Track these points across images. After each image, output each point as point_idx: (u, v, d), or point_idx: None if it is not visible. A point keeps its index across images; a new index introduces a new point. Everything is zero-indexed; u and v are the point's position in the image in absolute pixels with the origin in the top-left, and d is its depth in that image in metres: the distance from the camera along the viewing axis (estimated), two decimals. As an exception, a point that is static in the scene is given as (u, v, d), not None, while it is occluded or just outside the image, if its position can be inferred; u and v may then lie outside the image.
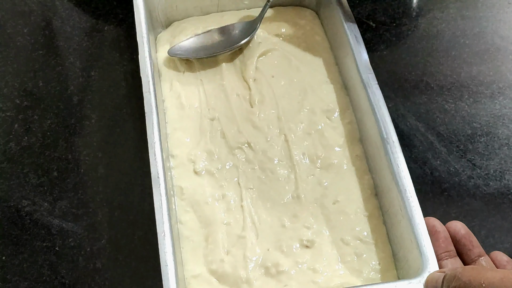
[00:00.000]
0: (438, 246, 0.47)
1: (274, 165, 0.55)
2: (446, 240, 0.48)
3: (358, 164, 0.55)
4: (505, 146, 0.61)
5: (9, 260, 0.53)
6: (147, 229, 0.54)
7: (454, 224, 0.49)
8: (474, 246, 0.48)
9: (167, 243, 0.45)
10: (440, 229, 0.48)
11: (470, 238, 0.48)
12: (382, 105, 0.53)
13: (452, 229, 0.48)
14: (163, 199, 0.47)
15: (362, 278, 0.49)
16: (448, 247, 0.48)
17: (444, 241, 0.48)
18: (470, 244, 0.48)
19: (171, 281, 0.44)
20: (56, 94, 0.63)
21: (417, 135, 0.61)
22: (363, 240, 0.51)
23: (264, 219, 0.52)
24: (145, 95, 0.53)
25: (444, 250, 0.47)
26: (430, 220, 0.48)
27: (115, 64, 0.66)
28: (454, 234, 0.48)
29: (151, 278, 0.52)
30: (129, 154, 0.59)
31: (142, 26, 0.58)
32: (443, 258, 0.47)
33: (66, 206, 0.56)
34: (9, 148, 0.59)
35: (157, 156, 0.49)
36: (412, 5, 0.73)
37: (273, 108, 0.58)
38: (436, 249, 0.47)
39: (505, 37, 0.70)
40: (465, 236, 0.48)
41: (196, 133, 0.57)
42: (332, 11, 0.62)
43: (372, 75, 0.55)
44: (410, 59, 0.68)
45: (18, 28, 0.69)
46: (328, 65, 0.62)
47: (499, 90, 0.65)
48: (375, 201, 0.53)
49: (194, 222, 0.52)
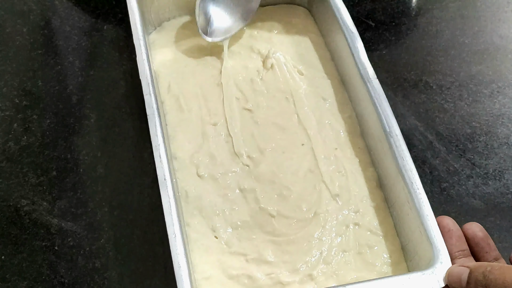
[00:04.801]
0: (452, 245, 0.46)
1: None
2: (460, 239, 0.47)
3: (362, 157, 0.56)
4: (504, 145, 0.61)
5: (8, 259, 0.53)
6: (146, 228, 0.54)
7: (473, 226, 0.47)
8: (492, 248, 0.47)
9: (178, 244, 0.45)
10: (453, 228, 0.47)
11: (487, 241, 0.47)
12: (383, 99, 0.54)
13: (470, 231, 0.47)
14: (172, 201, 0.47)
15: (375, 272, 0.49)
16: (462, 246, 0.47)
17: (458, 239, 0.47)
18: (487, 247, 0.47)
19: (185, 282, 0.43)
20: (55, 94, 0.63)
21: (416, 134, 0.61)
22: (373, 231, 0.51)
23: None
24: (146, 97, 0.53)
25: (458, 249, 0.46)
26: (443, 218, 0.48)
27: (114, 63, 0.66)
28: (473, 236, 0.47)
29: (150, 278, 0.52)
30: (128, 153, 0.59)
31: (138, 28, 0.58)
32: (457, 257, 0.46)
33: (65, 205, 0.56)
34: (8, 148, 0.59)
35: (162, 158, 0.49)
36: (412, 5, 0.73)
37: (271, 109, 0.59)
38: (450, 247, 0.46)
39: (504, 37, 0.70)
40: (483, 238, 0.47)
41: (197, 137, 0.57)
42: (325, 7, 0.62)
43: (371, 69, 0.56)
44: (410, 58, 0.68)
45: (17, 27, 0.69)
46: (324, 61, 0.62)
47: (498, 90, 0.65)
48: (380, 192, 0.54)
49: (202, 226, 0.52)
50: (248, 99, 0.59)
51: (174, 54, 0.63)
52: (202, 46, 0.63)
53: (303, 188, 0.54)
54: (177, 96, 0.59)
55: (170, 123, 0.57)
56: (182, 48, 0.63)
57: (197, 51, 0.63)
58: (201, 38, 0.61)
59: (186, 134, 0.57)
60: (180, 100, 0.59)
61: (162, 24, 0.65)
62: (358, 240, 0.51)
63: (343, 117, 0.58)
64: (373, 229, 0.52)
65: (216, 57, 0.63)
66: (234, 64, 0.62)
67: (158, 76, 0.61)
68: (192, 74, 0.61)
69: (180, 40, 0.64)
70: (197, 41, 0.64)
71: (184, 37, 0.64)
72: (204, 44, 0.63)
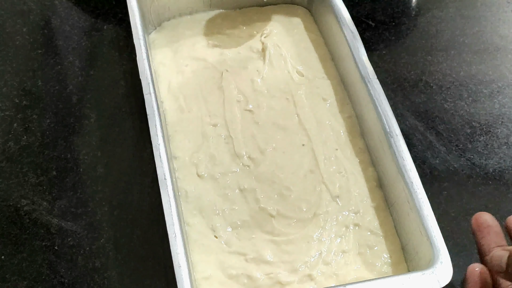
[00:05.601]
0: (490, 240, 0.46)
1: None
2: (498, 234, 0.47)
3: (362, 157, 0.56)
4: (504, 145, 0.61)
5: (8, 259, 0.53)
6: (146, 228, 0.54)
7: None
8: None
9: (178, 244, 0.45)
10: (492, 224, 0.47)
11: None
12: (383, 99, 0.54)
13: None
14: (172, 201, 0.47)
15: (375, 272, 0.49)
16: (500, 241, 0.47)
17: (496, 235, 0.47)
18: None
19: (185, 282, 0.44)
20: (55, 93, 0.63)
21: (416, 134, 0.61)
22: (373, 231, 0.51)
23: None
24: (146, 97, 0.53)
25: (496, 244, 0.46)
26: (482, 214, 0.48)
27: (114, 63, 0.66)
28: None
29: (150, 277, 0.52)
30: (128, 153, 0.59)
31: (138, 28, 0.58)
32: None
33: (65, 205, 0.56)
34: (8, 148, 0.59)
35: (162, 157, 0.49)
36: (412, 4, 0.73)
37: (271, 109, 0.59)
38: (488, 242, 0.46)
39: (504, 36, 0.70)
40: None
41: (197, 137, 0.57)
42: (325, 7, 0.62)
43: (371, 69, 0.56)
44: (409, 58, 0.68)
45: (17, 27, 0.69)
46: (324, 61, 0.62)
47: (498, 89, 0.65)
48: (380, 192, 0.54)
49: (202, 225, 0.52)
50: (249, 100, 0.59)
51: (174, 53, 0.63)
52: (202, 45, 0.63)
53: (303, 188, 0.54)
54: (177, 96, 0.59)
55: (170, 123, 0.57)
56: (182, 47, 0.63)
57: (197, 50, 0.63)
58: (201, 38, 0.61)
59: (186, 133, 0.57)
60: (180, 100, 0.59)
61: (162, 24, 0.66)
62: (358, 240, 0.51)
63: (343, 117, 0.58)
64: (373, 229, 0.52)
65: (216, 56, 0.63)
66: (234, 65, 0.62)
67: (158, 75, 0.61)
68: (192, 74, 0.61)
69: (180, 39, 0.64)
70: (197, 41, 0.64)
71: (184, 36, 0.64)
72: (204, 44, 0.63)
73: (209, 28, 0.65)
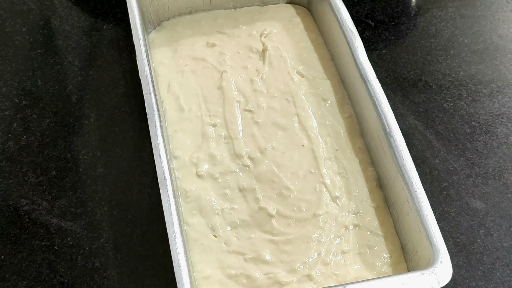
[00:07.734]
0: None
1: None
2: None
3: (362, 157, 0.56)
4: (504, 145, 0.61)
5: (8, 259, 0.53)
6: (145, 228, 0.54)
7: None
8: None
9: (178, 244, 0.45)
10: None
11: None
12: (382, 99, 0.54)
13: None
14: (171, 200, 0.47)
15: (375, 272, 0.49)
16: None
17: None
18: None
19: (185, 281, 0.44)
20: (54, 93, 0.63)
21: (416, 134, 0.61)
22: (373, 231, 0.51)
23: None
24: (146, 97, 0.53)
25: None
26: None
27: (113, 63, 0.66)
28: None
29: (149, 277, 0.52)
30: (128, 153, 0.59)
31: (138, 28, 0.58)
32: None
33: (65, 205, 0.56)
34: (8, 147, 0.59)
35: (162, 157, 0.49)
36: (411, 4, 0.73)
37: (271, 109, 0.59)
38: None
39: (504, 36, 0.70)
40: None
41: (197, 137, 0.57)
42: (325, 7, 0.62)
43: (371, 69, 0.56)
44: (409, 58, 0.68)
45: (17, 27, 0.69)
46: (324, 61, 0.62)
47: (498, 89, 0.65)
48: (380, 192, 0.54)
49: (201, 225, 0.52)
50: (249, 100, 0.59)
51: (174, 53, 0.63)
52: (202, 45, 0.63)
53: (303, 188, 0.54)
54: (177, 96, 0.59)
55: (170, 123, 0.57)
56: (182, 47, 0.63)
57: (197, 50, 0.63)
58: (201, 37, 0.61)
59: (186, 133, 0.57)
60: (180, 100, 0.59)
61: (162, 23, 0.66)
62: (358, 240, 0.51)
63: (343, 117, 0.59)
64: (373, 230, 0.52)
65: (216, 56, 0.63)
66: (234, 64, 0.62)
67: (158, 75, 0.61)
68: (192, 73, 0.61)
69: (180, 39, 0.64)
70: (197, 40, 0.64)
71: (183, 36, 0.64)
72: (204, 43, 0.63)
73: (209, 27, 0.65)
